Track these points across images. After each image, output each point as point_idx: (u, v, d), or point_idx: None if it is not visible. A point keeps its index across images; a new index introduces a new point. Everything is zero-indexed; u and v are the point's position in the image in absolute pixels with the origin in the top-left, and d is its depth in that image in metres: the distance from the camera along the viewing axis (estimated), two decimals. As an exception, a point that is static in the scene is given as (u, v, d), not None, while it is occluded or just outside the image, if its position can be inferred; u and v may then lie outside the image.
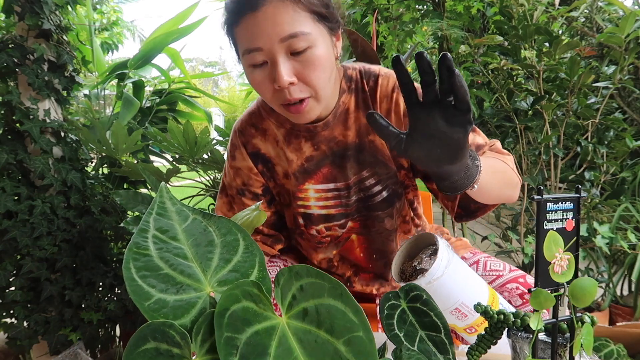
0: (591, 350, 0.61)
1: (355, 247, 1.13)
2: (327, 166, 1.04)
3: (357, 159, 1.03)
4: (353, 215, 1.08)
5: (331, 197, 1.06)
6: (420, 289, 0.66)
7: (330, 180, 1.04)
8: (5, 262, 1.58)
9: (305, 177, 1.05)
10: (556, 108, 2.21)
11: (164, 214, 0.54)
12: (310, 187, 1.05)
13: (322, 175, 1.04)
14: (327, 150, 1.02)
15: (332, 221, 1.08)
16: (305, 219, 1.09)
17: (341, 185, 1.05)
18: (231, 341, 0.44)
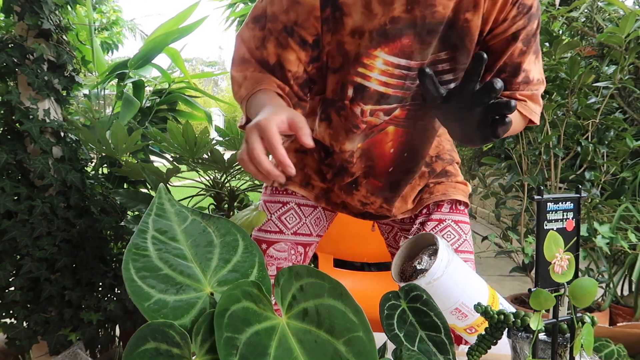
0: (591, 351, 0.61)
1: (388, 141, 1.00)
2: (410, 37, 0.88)
3: (443, 36, 0.89)
4: (406, 102, 0.95)
5: (397, 76, 0.91)
6: (421, 289, 0.66)
7: (407, 55, 0.89)
8: (5, 262, 1.58)
9: (381, 42, 0.88)
10: (556, 108, 2.21)
11: (162, 214, 0.54)
12: (381, 56, 0.89)
13: (400, 45, 0.88)
14: (419, 18, 0.86)
15: (383, 103, 0.94)
16: (357, 92, 0.93)
17: (414, 64, 0.90)
18: (231, 341, 0.43)
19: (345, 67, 0.92)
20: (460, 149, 3.35)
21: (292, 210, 1.14)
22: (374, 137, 1.00)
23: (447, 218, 1.12)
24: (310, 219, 1.16)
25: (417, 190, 1.13)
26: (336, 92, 0.95)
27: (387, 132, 0.99)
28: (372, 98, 0.93)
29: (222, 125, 3.55)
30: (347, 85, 0.93)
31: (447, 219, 1.11)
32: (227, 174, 2.04)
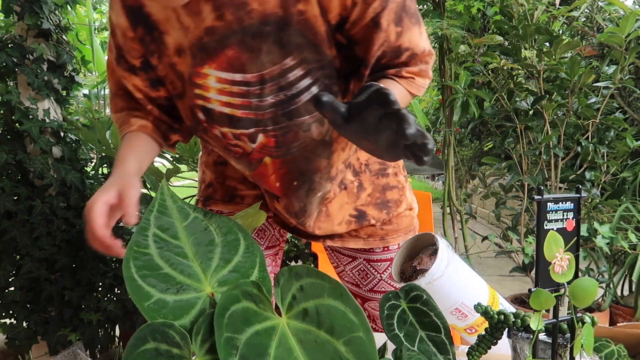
0: (591, 351, 0.61)
1: (270, 174, 0.89)
2: (233, 47, 0.76)
3: (279, 40, 0.75)
4: (266, 126, 0.81)
5: (237, 93, 0.79)
6: (421, 289, 0.66)
7: (237, 68, 0.77)
8: (5, 263, 1.58)
9: (204, 58, 0.77)
10: (556, 108, 2.21)
11: (164, 211, 0.53)
12: (210, 73, 0.78)
13: (226, 58, 0.77)
14: (235, 23, 0.74)
15: (239, 127, 0.82)
16: (206, 115, 0.82)
17: (252, 78, 0.77)
18: (231, 341, 0.43)
19: (186, 89, 0.82)
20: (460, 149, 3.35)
21: None
22: (257, 169, 0.89)
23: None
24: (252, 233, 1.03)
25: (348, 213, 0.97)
26: (189, 118, 0.85)
27: (266, 163, 0.87)
28: (223, 121, 0.82)
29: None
30: (195, 109, 0.83)
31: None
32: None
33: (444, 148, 2.73)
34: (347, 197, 0.97)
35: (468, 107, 2.33)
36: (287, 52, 0.76)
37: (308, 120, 0.81)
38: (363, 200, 0.98)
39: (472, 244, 2.67)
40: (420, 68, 0.82)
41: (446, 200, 2.67)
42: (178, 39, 0.77)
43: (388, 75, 0.80)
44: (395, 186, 1.01)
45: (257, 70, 0.77)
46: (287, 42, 0.75)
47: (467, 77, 2.37)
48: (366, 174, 0.98)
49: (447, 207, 2.70)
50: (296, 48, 0.75)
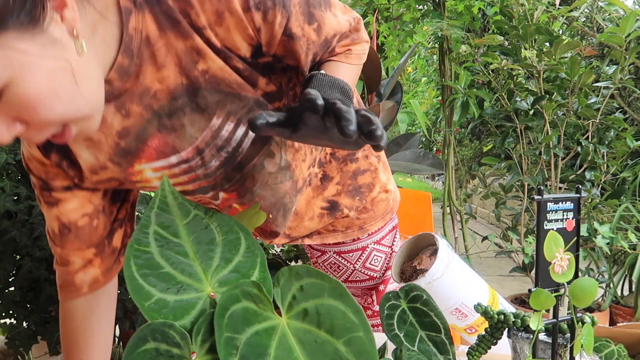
0: (591, 351, 0.61)
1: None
2: (154, 135, 0.71)
3: (196, 107, 0.70)
4: (222, 186, 0.80)
5: (180, 173, 0.75)
6: (420, 289, 0.66)
7: (169, 152, 0.73)
8: (5, 263, 1.58)
9: (130, 159, 0.73)
10: (557, 108, 2.21)
11: (165, 208, 0.53)
12: (144, 168, 0.74)
13: (152, 150, 0.72)
14: (145, 113, 0.69)
15: (198, 195, 0.80)
16: None
17: (188, 154, 0.74)
18: (231, 341, 0.43)
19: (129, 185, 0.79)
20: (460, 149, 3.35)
21: None
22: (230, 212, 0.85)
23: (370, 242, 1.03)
24: None
25: (318, 207, 0.95)
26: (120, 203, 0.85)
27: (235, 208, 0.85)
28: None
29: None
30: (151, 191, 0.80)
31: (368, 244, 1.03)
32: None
33: (444, 148, 2.73)
34: (312, 191, 0.93)
35: (468, 107, 2.33)
36: (210, 113, 0.71)
37: (257, 160, 0.78)
38: (333, 191, 0.94)
39: (472, 244, 2.67)
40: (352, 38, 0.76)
41: (446, 200, 2.67)
42: (90, 159, 0.72)
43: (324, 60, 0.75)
44: (366, 169, 0.96)
45: (189, 145, 0.73)
46: (205, 105, 0.70)
47: (467, 77, 2.37)
48: (332, 163, 0.94)
49: (447, 207, 2.71)
50: (216, 106, 0.71)
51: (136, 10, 0.63)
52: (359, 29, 0.77)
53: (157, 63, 0.66)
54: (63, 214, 0.79)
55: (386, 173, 1.01)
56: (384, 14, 2.60)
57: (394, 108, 1.99)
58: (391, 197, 1.02)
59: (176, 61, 0.66)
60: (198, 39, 0.64)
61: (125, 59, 0.64)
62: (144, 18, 0.63)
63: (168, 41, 0.65)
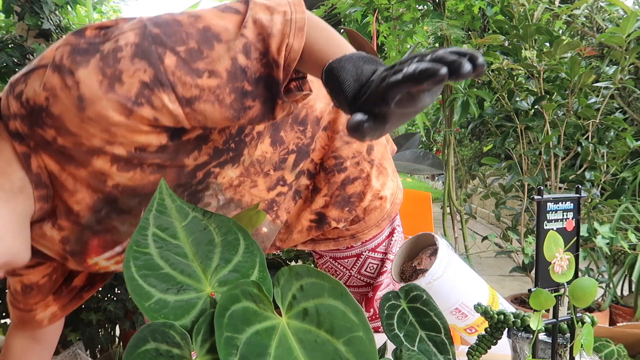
0: (591, 351, 0.61)
1: None
2: (92, 238, 0.75)
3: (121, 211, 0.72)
4: None
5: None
6: (420, 289, 0.66)
7: (112, 245, 0.77)
8: (5, 262, 1.58)
9: (81, 259, 0.77)
10: (557, 108, 2.21)
11: (163, 210, 0.53)
12: (97, 260, 0.78)
13: (96, 247, 0.76)
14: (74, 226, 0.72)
15: None
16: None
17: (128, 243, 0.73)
18: (231, 341, 0.43)
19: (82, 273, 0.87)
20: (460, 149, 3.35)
21: None
22: None
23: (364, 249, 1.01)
24: None
25: (307, 219, 0.93)
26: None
27: None
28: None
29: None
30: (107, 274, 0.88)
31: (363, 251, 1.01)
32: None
33: (444, 148, 2.73)
34: (303, 204, 0.92)
35: (468, 107, 2.33)
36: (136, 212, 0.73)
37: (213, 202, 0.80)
38: (321, 202, 0.92)
39: (472, 244, 2.67)
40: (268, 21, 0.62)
41: (446, 200, 2.67)
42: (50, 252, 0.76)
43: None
44: (356, 177, 0.92)
45: (127, 237, 0.75)
46: (128, 208, 0.72)
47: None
48: (320, 174, 0.91)
49: (447, 207, 2.71)
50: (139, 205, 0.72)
51: (33, 153, 0.65)
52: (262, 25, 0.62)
53: (69, 190, 0.68)
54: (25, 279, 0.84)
55: (381, 178, 0.96)
56: (384, 14, 2.60)
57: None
58: (387, 203, 0.98)
59: (86, 184, 0.68)
60: (99, 161, 0.64)
61: (42, 190, 0.67)
62: (42, 158, 0.65)
63: (71, 172, 0.66)
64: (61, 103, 0.59)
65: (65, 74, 0.58)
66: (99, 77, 0.58)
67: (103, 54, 0.58)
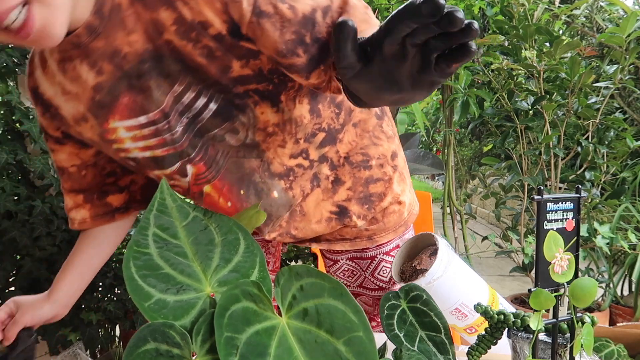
0: (591, 351, 0.61)
1: (217, 199, 0.88)
2: (124, 94, 0.77)
3: (161, 72, 0.75)
4: (189, 155, 0.83)
5: (149, 135, 0.80)
6: (420, 289, 0.66)
7: (139, 112, 0.78)
8: (5, 262, 1.58)
9: (106, 113, 0.79)
10: (557, 108, 2.21)
11: (164, 210, 0.53)
12: (117, 126, 0.80)
13: (124, 106, 0.78)
14: (116, 71, 0.75)
15: (166, 166, 0.84)
16: (135, 163, 0.85)
17: (156, 115, 0.78)
18: (231, 341, 0.43)
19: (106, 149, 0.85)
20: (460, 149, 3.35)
21: None
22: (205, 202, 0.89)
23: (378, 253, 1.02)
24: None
25: (327, 210, 0.94)
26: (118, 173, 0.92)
27: (208, 192, 0.87)
28: (150, 165, 0.84)
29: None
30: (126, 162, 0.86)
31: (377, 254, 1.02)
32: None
33: (444, 148, 2.73)
34: (322, 193, 0.93)
35: (468, 107, 2.33)
36: (173, 80, 0.76)
37: (218, 132, 0.81)
38: (344, 195, 0.93)
39: (472, 244, 2.67)
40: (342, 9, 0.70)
41: (446, 200, 2.68)
42: (71, 110, 0.80)
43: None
44: (379, 178, 0.95)
45: (156, 108, 0.78)
46: (168, 72, 0.75)
47: (468, 77, 2.37)
48: (345, 167, 0.93)
49: (447, 207, 2.71)
50: (178, 74, 0.75)
51: None
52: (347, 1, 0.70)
53: (127, 28, 0.72)
54: (57, 161, 0.90)
55: (402, 184, 0.99)
56: (384, 14, 2.60)
57: (394, 108, 1.99)
58: (405, 210, 0.99)
59: (144, 29, 0.72)
60: (165, 13, 0.70)
61: (96, 20, 0.71)
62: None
63: (137, 10, 0.71)
64: None
65: None
66: None
67: None
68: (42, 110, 0.83)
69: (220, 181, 0.87)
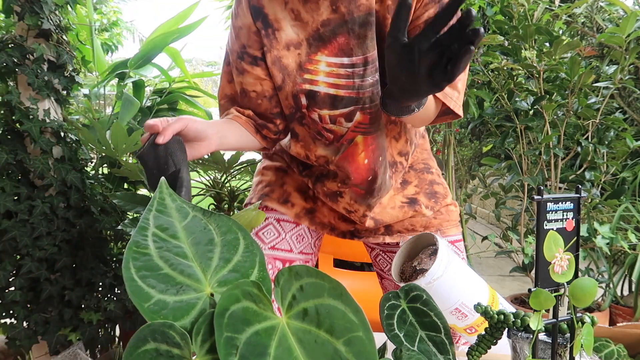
0: (591, 351, 0.61)
1: (360, 152, 1.00)
2: (344, 35, 0.91)
3: (378, 29, 0.91)
4: (364, 104, 0.95)
5: (344, 75, 0.93)
6: (420, 289, 0.66)
7: (346, 53, 0.92)
8: (5, 262, 1.58)
9: (319, 46, 0.93)
10: (556, 108, 2.21)
11: (163, 210, 0.53)
12: (322, 59, 0.93)
13: (337, 45, 0.92)
14: (347, 15, 0.90)
15: (339, 107, 0.95)
16: (309, 98, 0.96)
17: (358, 60, 0.92)
18: (231, 341, 0.43)
19: (286, 80, 0.96)
20: (460, 149, 3.35)
21: (270, 225, 1.11)
22: (345, 152, 1.00)
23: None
24: (290, 235, 1.12)
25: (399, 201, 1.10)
26: (290, 106, 0.99)
27: (357, 142, 0.99)
28: (325, 102, 0.95)
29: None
30: (298, 95, 0.96)
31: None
32: (227, 174, 2.04)
33: (444, 148, 2.73)
34: (394, 191, 1.10)
35: (468, 107, 2.33)
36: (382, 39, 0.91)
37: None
38: (412, 191, 1.10)
39: (472, 244, 2.67)
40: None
41: (446, 200, 2.66)
42: (291, 34, 0.94)
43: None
44: (440, 183, 1.14)
45: (362, 54, 0.91)
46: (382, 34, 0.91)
47: (468, 77, 2.37)
48: (410, 172, 1.12)
49: (447, 207, 2.70)
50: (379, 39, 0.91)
51: None
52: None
53: None
54: (243, 83, 1.01)
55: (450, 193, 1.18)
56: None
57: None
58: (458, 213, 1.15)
59: None
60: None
61: None
62: None
63: None
64: None
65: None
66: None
67: None
68: (259, 27, 0.95)
69: (372, 138, 0.99)
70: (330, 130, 0.98)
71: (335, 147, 1.01)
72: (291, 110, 1.00)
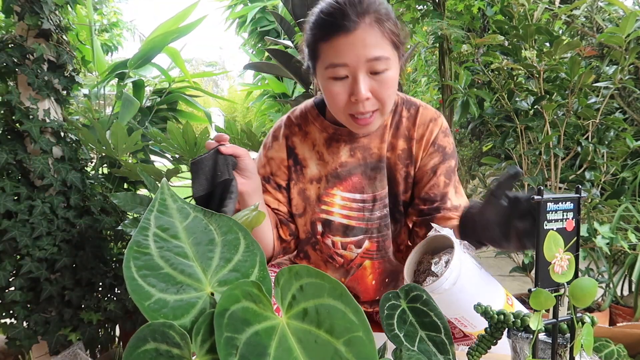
0: (591, 351, 0.61)
1: (368, 275, 1.14)
2: (358, 175, 1.09)
3: (386, 173, 1.10)
4: (372, 233, 1.11)
5: (355, 209, 1.10)
6: (420, 289, 0.66)
7: (359, 190, 1.09)
8: (5, 262, 1.58)
9: (336, 182, 1.10)
10: (557, 108, 2.21)
11: (165, 211, 0.53)
12: (337, 193, 1.10)
13: (351, 183, 1.09)
14: (362, 159, 1.09)
15: (350, 235, 1.11)
16: (325, 226, 1.11)
17: (368, 197, 1.10)
18: (231, 341, 0.43)
19: (307, 209, 1.13)
20: (460, 149, 3.35)
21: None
22: (355, 274, 1.14)
23: None
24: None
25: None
26: (307, 231, 1.14)
27: (365, 266, 1.14)
28: (338, 230, 1.11)
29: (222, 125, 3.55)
30: (315, 222, 1.12)
31: None
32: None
33: (444, 148, 2.71)
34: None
35: (468, 107, 2.33)
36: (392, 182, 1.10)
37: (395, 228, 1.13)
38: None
39: (472, 244, 2.66)
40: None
41: (446, 200, 2.66)
42: (314, 171, 1.12)
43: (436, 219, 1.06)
44: None
45: (372, 192, 1.10)
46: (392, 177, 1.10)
47: (468, 77, 2.36)
48: None
49: (447, 207, 2.69)
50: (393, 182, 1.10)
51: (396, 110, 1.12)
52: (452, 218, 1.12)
53: (383, 139, 1.10)
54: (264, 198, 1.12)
55: None
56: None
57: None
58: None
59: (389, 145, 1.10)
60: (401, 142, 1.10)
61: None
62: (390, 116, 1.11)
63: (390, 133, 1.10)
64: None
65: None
66: None
67: None
68: (290, 164, 1.13)
69: (379, 263, 1.14)
70: (341, 255, 1.13)
71: (345, 270, 1.14)
72: (307, 235, 1.15)
